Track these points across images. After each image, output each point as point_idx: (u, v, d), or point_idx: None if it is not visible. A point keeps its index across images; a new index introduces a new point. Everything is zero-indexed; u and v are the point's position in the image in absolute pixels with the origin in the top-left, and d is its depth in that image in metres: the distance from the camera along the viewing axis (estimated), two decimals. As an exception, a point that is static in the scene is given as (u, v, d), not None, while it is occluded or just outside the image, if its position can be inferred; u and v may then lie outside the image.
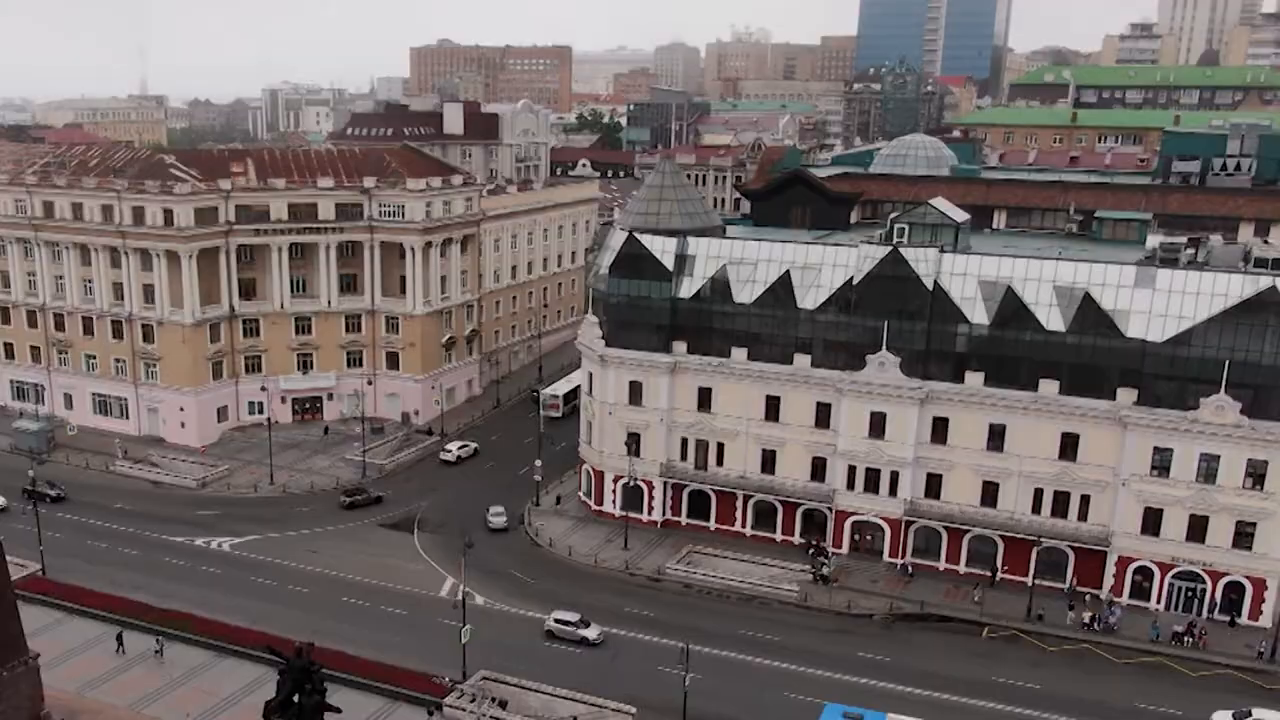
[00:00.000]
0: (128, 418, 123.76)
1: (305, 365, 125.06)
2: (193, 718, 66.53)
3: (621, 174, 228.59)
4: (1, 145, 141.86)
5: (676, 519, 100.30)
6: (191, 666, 73.37)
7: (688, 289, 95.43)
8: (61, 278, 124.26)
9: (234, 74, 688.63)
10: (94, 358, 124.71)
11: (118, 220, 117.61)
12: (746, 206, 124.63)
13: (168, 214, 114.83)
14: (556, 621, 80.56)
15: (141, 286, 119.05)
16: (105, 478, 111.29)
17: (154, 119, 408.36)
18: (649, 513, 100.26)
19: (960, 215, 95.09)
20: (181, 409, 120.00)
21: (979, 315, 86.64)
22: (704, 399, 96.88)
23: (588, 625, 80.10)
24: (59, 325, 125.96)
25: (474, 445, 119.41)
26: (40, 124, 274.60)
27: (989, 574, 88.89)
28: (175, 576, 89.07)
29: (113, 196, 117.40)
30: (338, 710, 52.52)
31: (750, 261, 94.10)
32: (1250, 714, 69.56)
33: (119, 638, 75.00)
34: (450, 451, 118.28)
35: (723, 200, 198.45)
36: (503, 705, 69.27)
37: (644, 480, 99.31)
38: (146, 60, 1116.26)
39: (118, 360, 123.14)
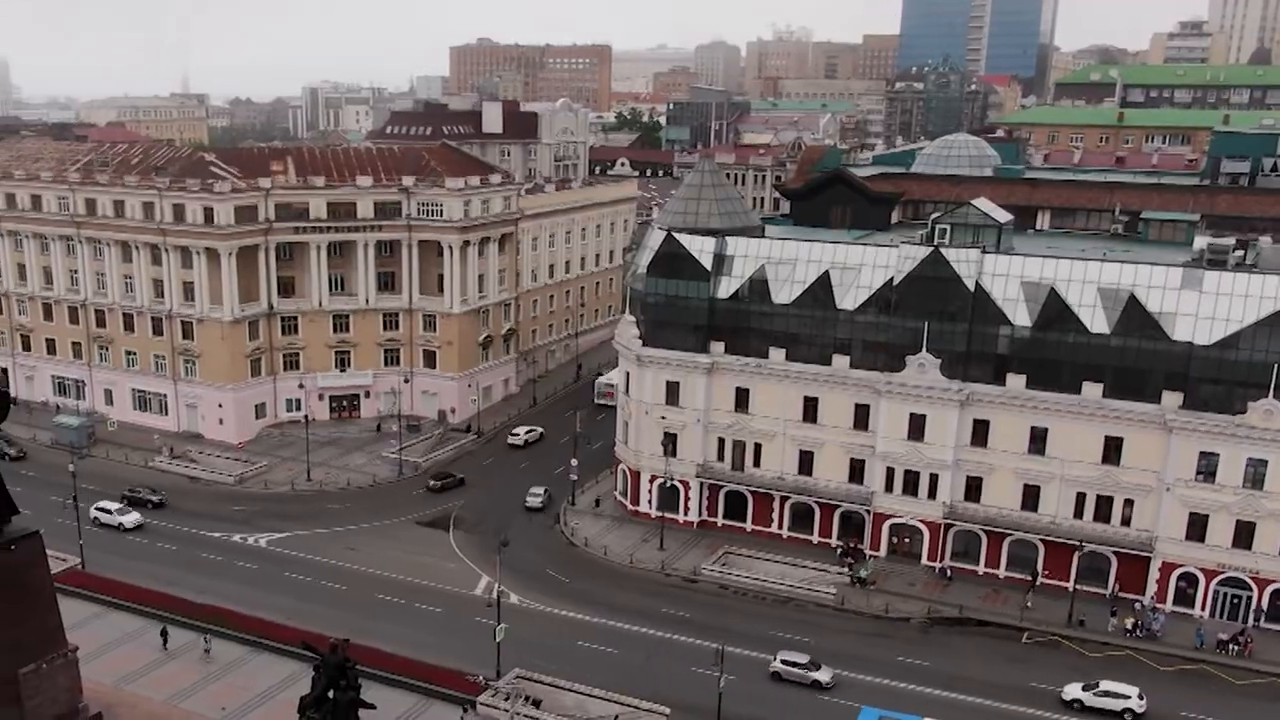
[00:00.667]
0: (167, 414, 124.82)
1: (343, 363, 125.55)
2: (228, 712, 66.64)
3: (660, 173, 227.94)
4: (46, 144, 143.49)
5: (713, 520, 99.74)
6: (227, 661, 73.60)
7: (726, 289, 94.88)
8: (103, 274, 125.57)
9: (275, 73, 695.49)
10: (134, 354, 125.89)
11: (159, 218, 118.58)
12: (786, 206, 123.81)
13: (208, 212, 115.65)
14: (784, 663, 74.90)
15: (182, 284, 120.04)
16: (144, 473, 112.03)
17: (195, 117, 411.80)
18: (685, 513, 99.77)
19: (1003, 216, 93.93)
20: (220, 405, 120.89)
21: (1021, 317, 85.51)
22: (741, 399, 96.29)
23: (818, 667, 74.44)
24: (100, 322, 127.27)
25: (540, 430, 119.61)
26: (83, 122, 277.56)
27: (1029, 578, 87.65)
28: (212, 572, 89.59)
29: (154, 194, 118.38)
30: (372, 707, 52.21)
31: (789, 261, 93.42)
32: (1098, 685, 72.07)
33: (163, 633, 75.39)
34: (518, 435, 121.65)
35: (762, 200, 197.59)
36: (536, 704, 68.97)
37: (680, 480, 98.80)
38: (188, 59, 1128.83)
39: (157, 357, 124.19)
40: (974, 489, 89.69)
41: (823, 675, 74.33)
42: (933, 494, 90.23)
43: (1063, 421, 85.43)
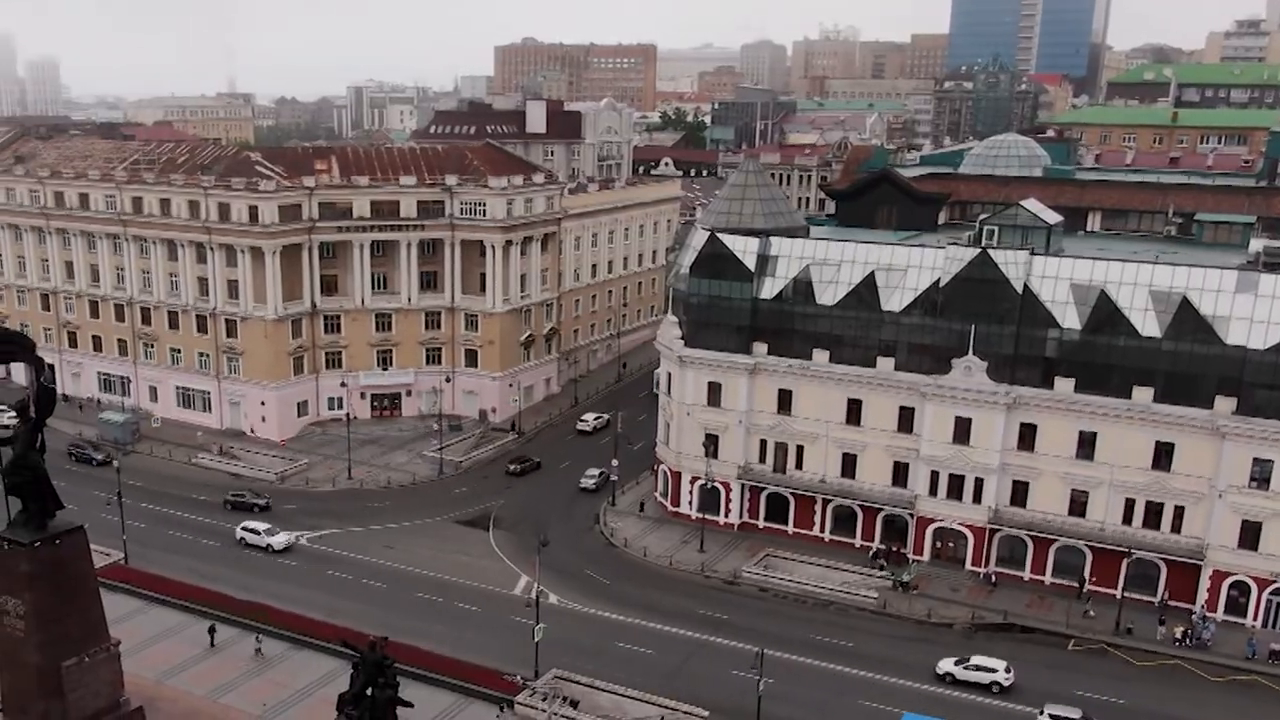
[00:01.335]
0: (210, 411, 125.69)
1: (385, 361, 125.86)
2: (268, 708, 66.78)
3: (704, 173, 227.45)
4: (94, 143, 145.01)
5: (754, 522, 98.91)
6: (268, 658, 73.75)
7: (769, 289, 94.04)
8: (149, 272, 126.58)
9: (320, 73, 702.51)
10: (179, 351, 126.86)
11: (204, 216, 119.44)
12: (831, 207, 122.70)
13: (253, 210, 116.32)
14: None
15: (226, 282, 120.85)
16: (187, 469, 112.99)
17: (241, 117, 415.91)
18: (726, 515, 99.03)
19: (1053, 217, 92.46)
20: (263, 403, 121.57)
21: (1070, 320, 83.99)
22: (784, 401, 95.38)
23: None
24: (145, 319, 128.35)
25: (607, 416, 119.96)
26: (131, 122, 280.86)
27: (1076, 585, 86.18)
28: (253, 568, 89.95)
29: (199, 193, 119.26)
30: (410, 705, 52.39)
31: (834, 262, 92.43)
32: (969, 659, 74.13)
33: (211, 630, 75.65)
34: (586, 422, 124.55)
35: (807, 200, 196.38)
36: (574, 705, 68.64)
37: (721, 482, 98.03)
38: (235, 59, 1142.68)
39: (201, 354, 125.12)
40: (1020, 494, 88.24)
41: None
42: (978, 498, 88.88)
43: (1112, 426, 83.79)
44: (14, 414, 49.45)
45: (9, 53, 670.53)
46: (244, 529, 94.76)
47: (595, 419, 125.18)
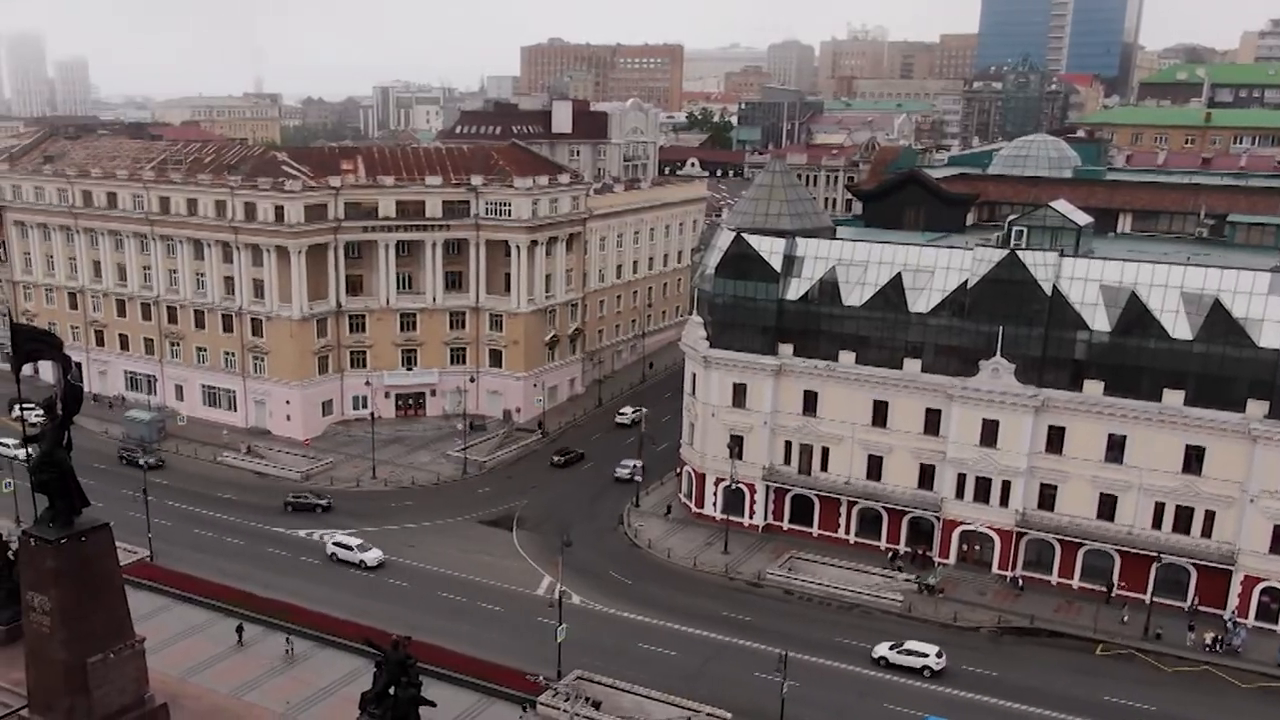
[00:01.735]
0: (235, 410, 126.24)
1: (409, 361, 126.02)
2: (292, 706, 66.80)
3: (731, 173, 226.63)
4: (122, 142, 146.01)
5: (778, 524, 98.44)
6: (289, 656, 73.85)
7: (795, 290, 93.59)
8: (175, 271, 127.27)
9: (347, 73, 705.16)
10: (204, 350, 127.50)
11: (230, 216, 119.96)
12: (858, 207, 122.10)
13: (279, 210, 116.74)
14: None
15: (252, 281, 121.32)
16: (213, 468, 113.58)
17: (268, 117, 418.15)
18: (750, 516, 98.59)
19: (1082, 218, 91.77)
20: (288, 402, 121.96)
21: (1100, 322, 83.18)
22: (809, 402, 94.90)
23: None
24: (172, 318, 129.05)
25: (645, 410, 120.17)
26: (159, 121, 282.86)
27: (1104, 589, 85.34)
28: (277, 567, 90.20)
29: (226, 192, 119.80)
30: (432, 704, 52.13)
31: (860, 263, 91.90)
32: (903, 644, 76.50)
33: (239, 629, 75.79)
34: (625, 415, 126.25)
35: (834, 201, 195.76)
36: (596, 705, 68.38)
37: (746, 483, 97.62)
38: (262, 60, 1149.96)
39: (227, 353, 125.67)
40: (1048, 497, 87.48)
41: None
42: (1005, 501, 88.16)
43: (1142, 429, 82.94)
44: (42, 412, 49.48)
45: (38, 53, 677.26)
46: (335, 544, 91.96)
47: (634, 412, 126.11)
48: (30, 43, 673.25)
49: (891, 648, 76.72)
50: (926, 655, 75.77)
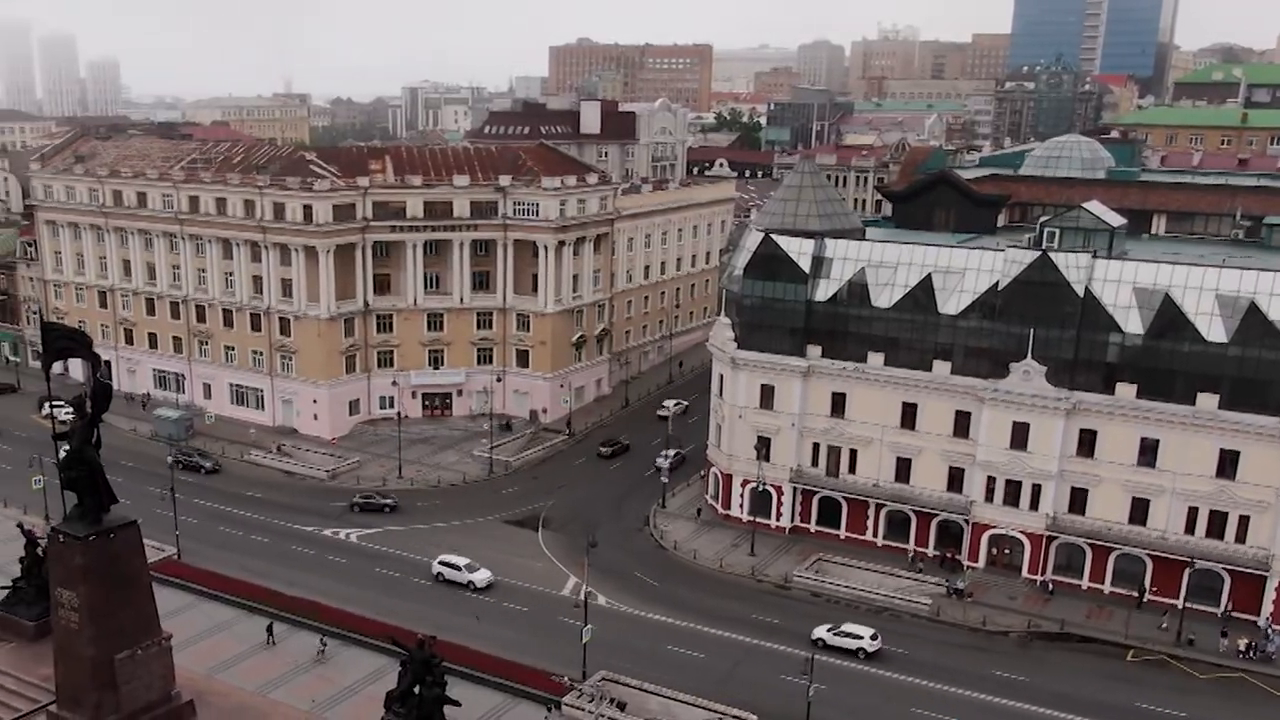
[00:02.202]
0: (263, 408, 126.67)
1: (436, 361, 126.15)
2: (316, 704, 66.84)
3: (760, 174, 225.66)
4: (152, 142, 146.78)
5: (805, 526, 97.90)
6: (316, 654, 73.90)
7: (824, 291, 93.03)
8: (204, 271, 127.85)
9: (376, 73, 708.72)
10: (233, 349, 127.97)
11: (259, 215, 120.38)
12: (888, 208, 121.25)
13: (307, 210, 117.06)
14: None
15: (280, 280, 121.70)
16: (240, 466, 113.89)
17: (297, 117, 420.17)
18: (777, 518, 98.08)
19: (1116, 220, 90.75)
20: (315, 401, 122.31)
21: (1133, 324, 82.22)
22: (838, 404, 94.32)
23: None
24: (200, 317, 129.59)
25: (686, 402, 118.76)
26: (189, 121, 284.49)
27: (1136, 594, 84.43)
28: (303, 565, 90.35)
29: (255, 192, 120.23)
30: (457, 704, 52.05)
31: (890, 264, 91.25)
32: (840, 626, 78.88)
33: (269, 629, 75.80)
34: (666, 408, 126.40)
35: (864, 202, 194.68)
36: (621, 707, 68.11)
37: (773, 485, 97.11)
38: (292, 60, 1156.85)
39: (255, 352, 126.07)
40: (1079, 501, 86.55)
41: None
42: (1035, 505, 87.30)
43: (1175, 433, 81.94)
44: (71, 410, 49.75)
45: (70, 54, 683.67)
46: (442, 563, 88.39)
47: (675, 404, 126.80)
48: (63, 44, 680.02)
49: (829, 630, 78.68)
50: (861, 638, 77.86)
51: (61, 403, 55.92)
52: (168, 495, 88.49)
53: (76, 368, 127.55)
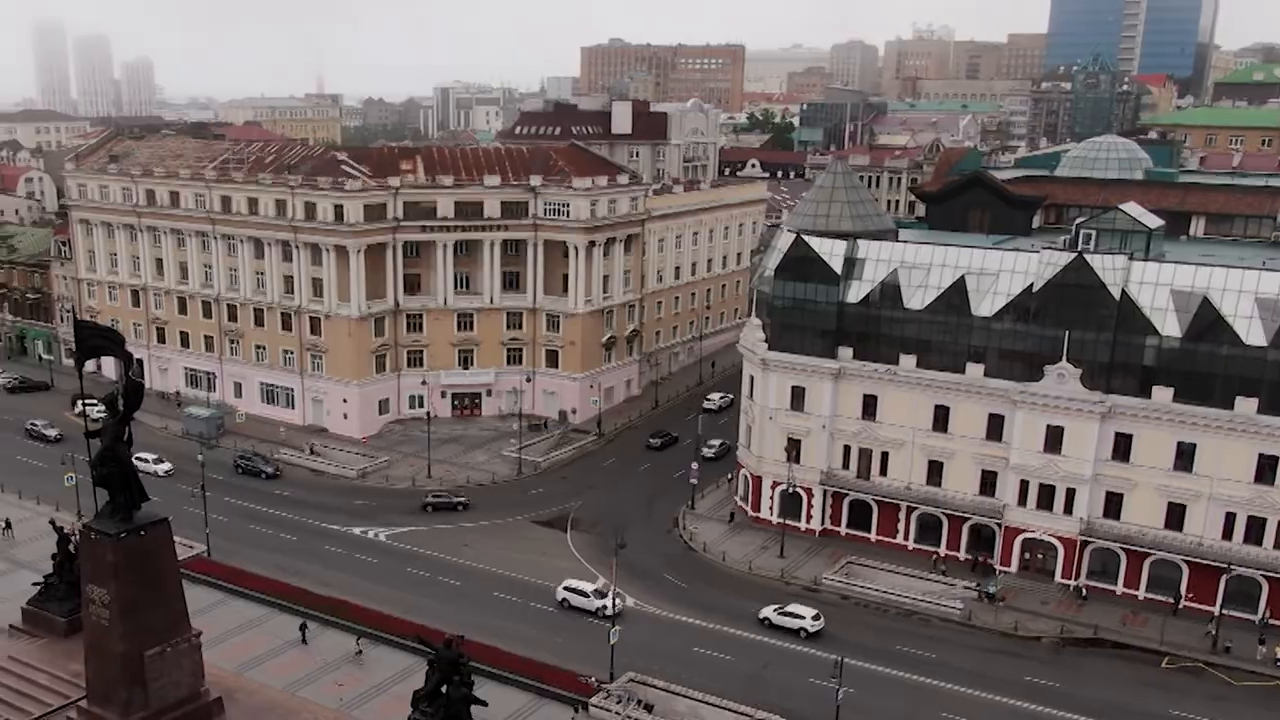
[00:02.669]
0: (293, 407, 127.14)
1: (466, 361, 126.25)
2: (344, 702, 66.93)
3: (792, 175, 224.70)
4: (185, 142, 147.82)
5: (835, 528, 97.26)
6: (344, 653, 74.04)
7: (856, 293, 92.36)
8: (235, 270, 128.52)
9: (407, 73, 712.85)
10: (263, 348, 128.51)
11: (291, 215, 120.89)
12: (922, 210, 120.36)
13: (338, 210, 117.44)
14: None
15: (311, 280, 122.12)
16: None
17: (329, 117, 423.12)
18: (807, 521, 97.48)
19: (1153, 221, 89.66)
20: (345, 400, 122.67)
21: (1170, 327, 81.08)
22: (869, 406, 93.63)
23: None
24: (232, 316, 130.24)
25: (731, 396, 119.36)
26: (222, 121, 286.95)
27: (1171, 601, 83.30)
28: (332, 564, 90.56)
29: (286, 192, 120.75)
30: (484, 703, 51.86)
31: (923, 266, 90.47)
32: (786, 606, 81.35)
33: (302, 628, 75.86)
34: (712, 401, 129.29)
35: (897, 203, 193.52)
36: (649, 709, 67.82)
37: (803, 487, 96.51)
38: (324, 61, 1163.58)
39: (286, 351, 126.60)
40: (1113, 505, 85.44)
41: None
42: (1069, 509, 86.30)
43: (1213, 438, 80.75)
44: (103, 408, 49.95)
45: (105, 55, 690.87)
46: (567, 589, 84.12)
47: (720, 398, 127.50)
48: (98, 44, 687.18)
49: (774, 609, 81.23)
50: (804, 618, 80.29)
51: (94, 400, 56.06)
52: (198, 493, 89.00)
53: (109, 366, 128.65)
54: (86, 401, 58.11)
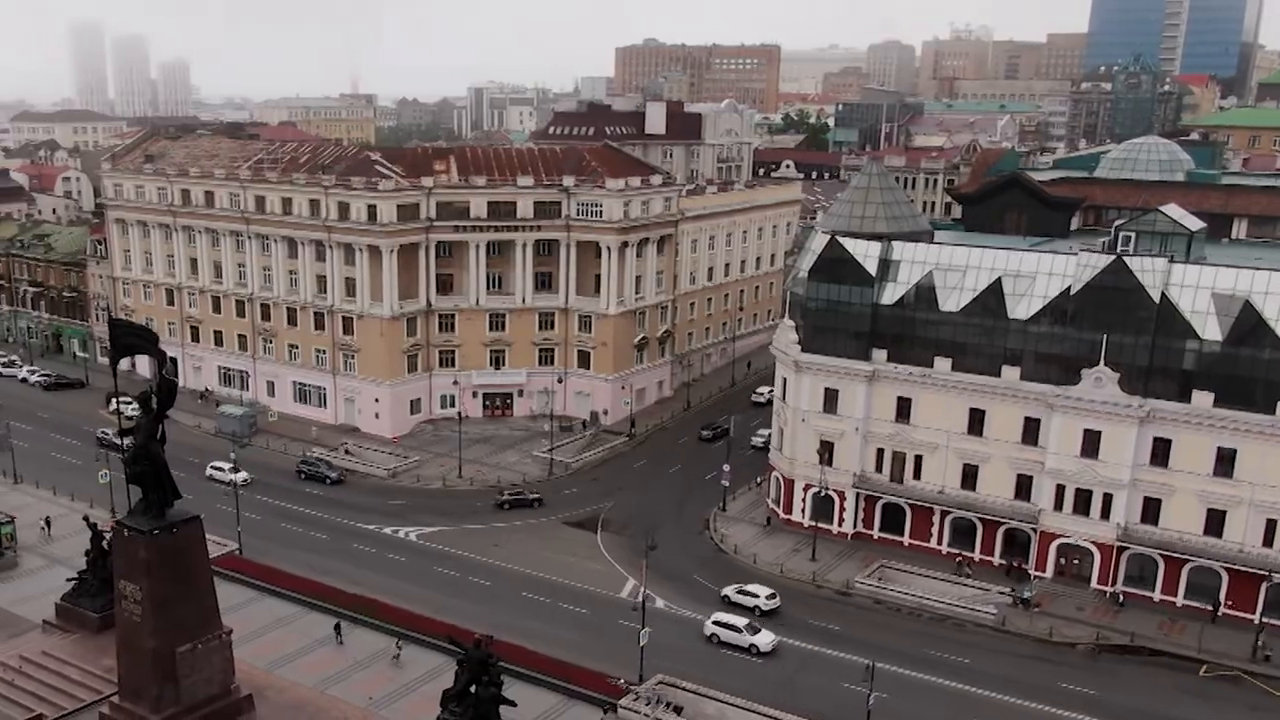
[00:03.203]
0: (325, 407, 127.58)
1: (497, 361, 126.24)
2: (374, 701, 66.92)
3: (826, 175, 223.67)
4: (220, 142, 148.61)
5: (868, 532, 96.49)
6: (374, 651, 73.87)
7: (890, 295, 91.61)
8: (269, 269, 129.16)
9: (442, 74, 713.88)
10: (296, 347, 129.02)
11: (324, 215, 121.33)
12: (958, 211, 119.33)
13: (371, 210, 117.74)
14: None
15: (344, 279, 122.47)
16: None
17: (363, 117, 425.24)
18: (839, 524, 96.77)
19: (1194, 223, 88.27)
20: (376, 400, 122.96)
21: (1211, 331, 79.86)
22: (903, 409, 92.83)
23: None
24: (265, 315, 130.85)
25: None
26: (257, 122, 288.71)
27: (1210, 608, 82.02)
28: (362, 563, 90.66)
29: (320, 192, 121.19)
30: (513, 704, 51.89)
31: (959, 268, 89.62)
32: (744, 586, 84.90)
33: (336, 628, 75.65)
34: (761, 394, 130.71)
35: (933, 205, 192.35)
36: (678, 711, 67.36)
37: (835, 490, 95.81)
38: (359, 61, 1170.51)
39: (318, 350, 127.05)
40: (1151, 511, 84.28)
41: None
42: (1106, 514, 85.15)
43: (1254, 443, 79.41)
44: (137, 406, 50.20)
45: (142, 56, 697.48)
46: (716, 623, 79.14)
47: (769, 391, 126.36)
48: (135, 45, 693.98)
49: (734, 588, 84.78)
50: (758, 596, 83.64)
51: (128, 398, 56.36)
52: (230, 491, 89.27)
53: (143, 364, 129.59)
54: (121, 399, 58.54)
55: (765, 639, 77.82)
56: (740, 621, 79.42)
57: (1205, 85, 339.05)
